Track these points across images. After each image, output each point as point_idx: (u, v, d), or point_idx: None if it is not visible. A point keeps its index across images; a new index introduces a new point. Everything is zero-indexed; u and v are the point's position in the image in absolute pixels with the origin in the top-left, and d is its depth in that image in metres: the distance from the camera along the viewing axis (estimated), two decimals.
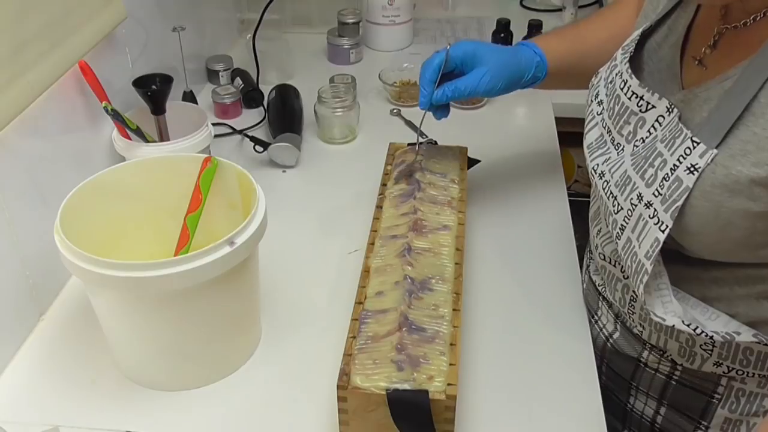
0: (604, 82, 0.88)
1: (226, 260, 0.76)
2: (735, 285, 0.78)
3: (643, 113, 0.78)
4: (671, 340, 0.83)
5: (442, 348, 0.76)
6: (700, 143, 0.69)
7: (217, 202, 0.90)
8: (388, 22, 1.63)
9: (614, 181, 0.80)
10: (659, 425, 0.92)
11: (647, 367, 0.89)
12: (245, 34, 1.63)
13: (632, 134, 0.80)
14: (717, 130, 0.68)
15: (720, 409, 0.85)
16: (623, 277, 0.85)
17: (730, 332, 0.76)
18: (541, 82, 1.01)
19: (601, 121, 0.87)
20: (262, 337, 0.92)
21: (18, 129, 0.87)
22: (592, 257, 0.96)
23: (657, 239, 0.72)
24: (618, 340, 0.91)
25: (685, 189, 0.70)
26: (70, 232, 0.77)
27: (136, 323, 0.81)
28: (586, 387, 0.85)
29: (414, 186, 1.00)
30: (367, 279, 0.87)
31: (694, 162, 0.69)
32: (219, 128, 1.32)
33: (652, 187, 0.73)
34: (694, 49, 0.79)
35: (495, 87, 0.96)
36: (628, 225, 0.77)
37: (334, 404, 0.74)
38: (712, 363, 0.81)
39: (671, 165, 0.72)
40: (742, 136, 0.67)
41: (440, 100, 0.96)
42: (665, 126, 0.75)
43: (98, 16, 1.03)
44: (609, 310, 0.92)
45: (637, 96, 0.79)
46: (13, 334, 0.91)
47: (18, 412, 0.83)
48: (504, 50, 0.99)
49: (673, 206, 0.71)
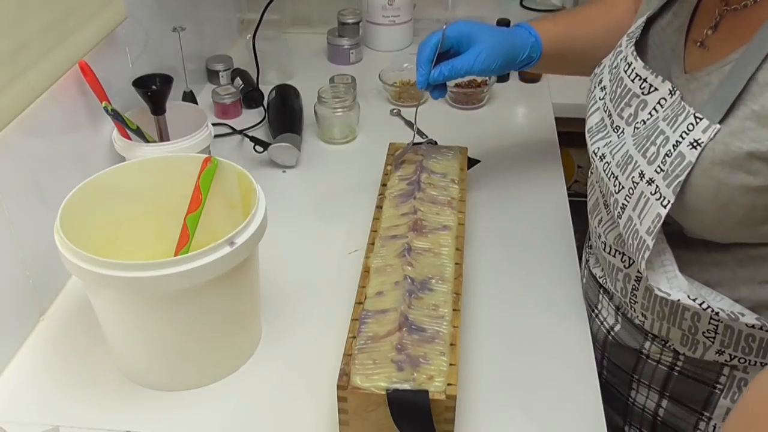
0: (609, 68, 0.89)
1: (226, 260, 0.76)
2: (737, 267, 0.78)
3: (645, 95, 0.80)
4: (674, 328, 0.83)
5: (442, 348, 0.76)
6: (703, 119, 0.71)
7: (217, 202, 0.90)
8: (388, 22, 1.63)
9: (615, 162, 0.80)
10: (661, 418, 0.92)
11: (649, 359, 0.89)
12: (245, 34, 1.64)
13: (633, 116, 0.81)
14: (719, 106, 0.70)
15: (722, 400, 0.85)
16: (624, 266, 0.86)
17: (734, 312, 0.76)
18: (536, 63, 1.03)
19: (602, 106, 0.88)
20: (262, 337, 0.92)
21: (18, 129, 0.87)
22: (591, 252, 0.97)
23: (659, 215, 0.73)
24: (619, 332, 0.91)
25: (688, 164, 0.71)
26: (70, 232, 0.77)
27: (136, 323, 0.81)
28: (586, 387, 0.85)
29: (414, 186, 1.01)
30: (367, 279, 0.87)
31: (697, 137, 0.70)
32: (219, 128, 1.32)
33: (654, 164, 0.74)
34: (696, 32, 0.80)
35: (490, 66, 0.98)
36: (630, 203, 0.78)
37: (334, 404, 0.74)
38: (714, 351, 0.81)
39: (674, 141, 0.73)
40: (741, 114, 0.69)
41: (437, 79, 0.97)
42: (667, 107, 0.76)
43: (98, 16, 1.03)
44: (610, 303, 0.93)
45: (641, 78, 0.81)
46: (13, 334, 0.91)
47: (18, 412, 0.83)
48: (499, 30, 1.02)
49: (676, 181, 0.72)
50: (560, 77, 1.53)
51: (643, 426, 0.95)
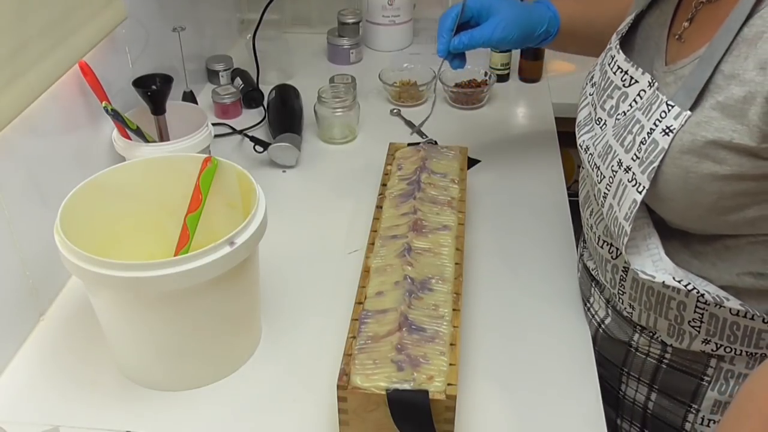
0: (599, 65, 0.91)
1: (226, 260, 0.76)
2: (716, 259, 0.79)
3: (626, 88, 0.82)
4: (660, 318, 0.84)
5: (442, 348, 0.76)
6: (674, 106, 0.73)
7: (217, 202, 0.90)
8: (388, 22, 1.63)
9: (597, 153, 0.83)
10: (651, 411, 0.93)
11: (638, 352, 0.90)
12: (245, 34, 1.64)
13: (614, 108, 0.83)
14: (689, 93, 0.72)
15: (710, 392, 0.86)
16: (611, 257, 0.87)
17: (720, 295, 0.77)
18: (553, 38, 1.07)
19: (591, 101, 0.90)
20: (262, 337, 0.92)
21: (18, 129, 0.87)
22: (585, 246, 0.98)
23: (635, 200, 0.75)
24: (609, 325, 0.92)
25: (661, 150, 0.73)
26: (70, 232, 0.77)
27: (136, 323, 0.81)
28: (586, 387, 0.85)
29: (414, 186, 1.01)
30: (367, 279, 0.87)
31: (669, 124, 0.73)
32: (219, 128, 1.32)
33: (631, 152, 0.76)
34: (676, 26, 0.82)
35: (508, 37, 1.03)
36: (610, 192, 0.80)
37: (334, 404, 0.74)
38: (700, 341, 0.83)
39: (648, 129, 0.75)
40: (707, 104, 0.71)
41: (457, 47, 1.03)
42: (644, 98, 0.79)
43: (98, 16, 1.03)
44: (601, 296, 0.94)
45: (622, 70, 0.83)
46: (13, 334, 0.91)
47: (18, 412, 0.83)
48: (519, 4, 1.06)
49: (650, 167, 0.74)
50: (560, 77, 1.54)
51: (634, 419, 0.96)
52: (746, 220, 0.75)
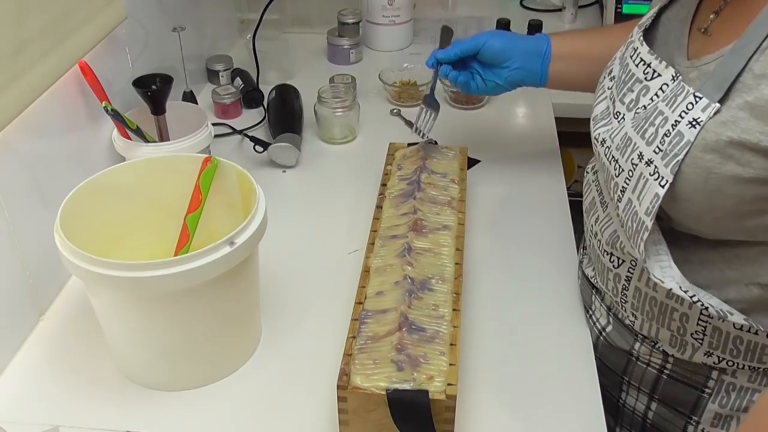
0: (619, 59, 0.89)
1: (226, 260, 0.76)
2: (725, 268, 0.78)
3: (648, 81, 0.80)
4: (663, 329, 0.83)
5: (442, 348, 0.76)
6: (702, 98, 0.70)
7: (217, 202, 0.90)
8: (388, 22, 1.63)
9: (615, 145, 0.80)
10: (650, 421, 0.92)
11: (639, 361, 0.89)
12: (245, 34, 1.64)
13: (634, 102, 0.81)
14: (718, 85, 0.70)
15: (710, 404, 0.85)
16: (614, 266, 0.86)
17: (723, 309, 0.76)
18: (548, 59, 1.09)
19: (609, 95, 0.88)
20: (262, 337, 0.92)
21: (18, 129, 0.87)
22: (585, 252, 0.97)
23: (657, 195, 0.73)
24: (611, 333, 0.92)
25: (687, 143, 0.70)
26: (70, 232, 0.77)
27: (136, 323, 0.81)
28: (586, 387, 0.85)
29: (414, 186, 1.01)
30: (367, 279, 0.87)
31: (696, 116, 0.70)
32: (219, 128, 1.32)
33: (653, 144, 0.74)
34: (701, 20, 0.80)
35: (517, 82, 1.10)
36: (629, 186, 0.77)
37: (334, 404, 0.74)
38: (702, 353, 0.82)
39: (672, 121, 0.72)
40: (735, 104, 0.68)
41: (444, 72, 1.09)
42: (668, 91, 0.76)
43: (98, 16, 1.03)
44: (602, 303, 0.93)
45: (645, 63, 0.81)
46: (13, 334, 0.91)
47: (18, 412, 0.83)
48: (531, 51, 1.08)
49: (674, 160, 0.71)
50: None
51: (633, 428, 0.95)
52: (763, 227, 0.73)
